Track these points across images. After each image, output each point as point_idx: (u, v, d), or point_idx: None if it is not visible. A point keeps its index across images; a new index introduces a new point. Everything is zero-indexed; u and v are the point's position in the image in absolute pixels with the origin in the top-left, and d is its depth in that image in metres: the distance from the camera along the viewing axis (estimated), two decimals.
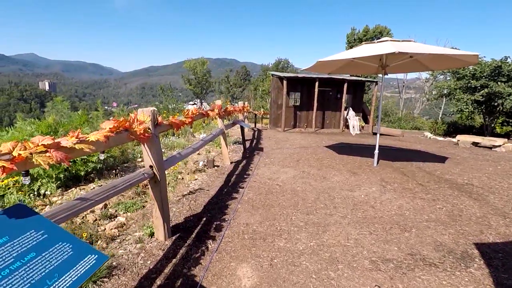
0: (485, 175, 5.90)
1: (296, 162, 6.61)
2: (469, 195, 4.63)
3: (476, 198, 4.52)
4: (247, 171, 5.66)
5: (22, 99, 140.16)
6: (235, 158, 6.87)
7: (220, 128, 5.74)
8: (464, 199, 4.47)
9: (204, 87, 65.15)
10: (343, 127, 14.65)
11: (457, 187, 5.04)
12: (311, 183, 5.05)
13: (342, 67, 7.02)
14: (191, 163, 5.93)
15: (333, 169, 6.05)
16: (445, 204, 4.20)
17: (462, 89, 12.30)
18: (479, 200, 4.42)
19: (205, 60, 64.38)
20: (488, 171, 6.29)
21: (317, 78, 13.45)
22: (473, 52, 4.64)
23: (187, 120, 3.36)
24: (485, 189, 5.00)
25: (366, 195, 4.56)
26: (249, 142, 9.60)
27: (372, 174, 5.72)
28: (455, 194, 4.66)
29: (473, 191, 4.83)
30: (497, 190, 4.93)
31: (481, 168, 6.58)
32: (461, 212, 3.93)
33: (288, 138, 10.74)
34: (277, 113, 14.44)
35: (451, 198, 4.50)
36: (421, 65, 6.55)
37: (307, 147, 8.74)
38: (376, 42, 5.47)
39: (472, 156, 8.42)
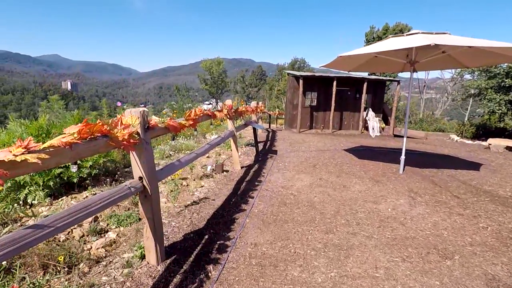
0: None
1: (312, 168, 6.07)
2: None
3: None
4: (259, 177, 5.18)
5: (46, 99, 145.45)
6: (247, 162, 6.41)
7: (230, 130, 5.29)
8: (511, 215, 3.83)
9: (219, 87, 65.24)
10: (362, 129, 13.91)
11: (500, 201, 4.37)
12: (329, 193, 4.52)
13: (364, 64, 6.43)
14: (198, 168, 5.51)
15: (353, 176, 5.48)
16: (490, 223, 3.58)
17: (494, 89, 11.34)
18: None
19: (221, 60, 64.43)
20: None
21: (335, 77, 12.80)
22: None
23: (188, 122, 2.92)
24: None
25: (393, 208, 3.99)
26: (262, 144, 9.12)
27: (398, 183, 5.12)
28: (499, 210, 4.01)
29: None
30: None
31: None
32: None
33: (304, 140, 10.18)
34: (292, 114, 13.89)
35: (495, 214, 3.86)
36: (454, 61, 5.87)
37: (325, 150, 8.17)
38: (405, 35, 4.86)
39: (508, 163, 7.61)
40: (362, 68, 6.73)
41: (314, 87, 13.63)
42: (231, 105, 5.15)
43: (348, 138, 11.84)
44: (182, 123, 2.82)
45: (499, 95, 11.01)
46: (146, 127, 2.22)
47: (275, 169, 5.84)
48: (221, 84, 65.69)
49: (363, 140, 11.19)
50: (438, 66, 6.28)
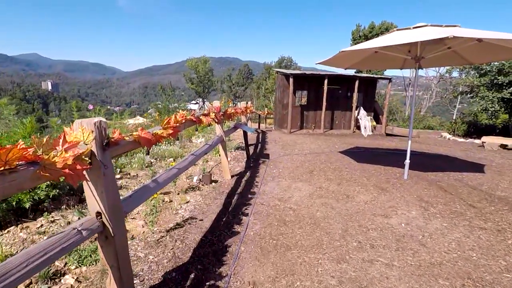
0: None
1: (309, 174, 5.55)
2: None
3: None
4: (252, 188, 4.61)
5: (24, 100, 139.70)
6: (237, 169, 5.83)
7: (218, 135, 4.69)
8: None
9: (206, 86, 64.26)
10: (354, 128, 13.54)
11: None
12: (332, 205, 3.99)
13: (362, 60, 5.95)
14: (183, 178, 4.89)
15: (356, 184, 4.99)
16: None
17: (486, 86, 11.16)
18: None
19: (207, 58, 63.41)
20: None
21: (326, 75, 12.36)
22: None
23: (167, 132, 2.32)
24: None
25: (407, 223, 3.50)
26: (253, 147, 8.56)
27: (406, 191, 4.66)
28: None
29: None
30: None
31: None
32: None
33: (296, 142, 9.67)
34: (282, 113, 13.37)
35: None
36: (459, 58, 5.46)
37: (319, 153, 7.67)
38: (412, 28, 4.39)
39: (509, 163, 7.32)
40: (360, 65, 6.26)
41: (304, 85, 13.16)
42: (219, 106, 4.56)
43: (341, 138, 11.42)
44: (158, 134, 2.22)
45: (491, 93, 10.82)
46: (104, 143, 1.61)
47: (269, 177, 5.28)
48: (208, 83, 64.73)
49: (357, 140, 10.79)
50: (442, 63, 5.88)
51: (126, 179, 4.46)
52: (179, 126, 2.62)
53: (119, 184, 4.16)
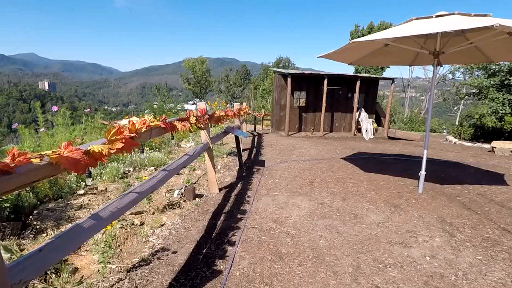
0: None
1: (309, 186, 4.85)
2: None
3: None
4: (242, 205, 3.91)
5: (21, 99, 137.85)
6: (228, 179, 5.12)
7: (204, 142, 3.98)
8: None
9: (203, 86, 63.59)
10: (355, 131, 12.88)
11: None
12: (338, 229, 3.30)
13: (369, 55, 5.27)
14: (162, 192, 4.17)
15: (363, 199, 4.30)
16: None
17: (496, 87, 10.53)
18: None
19: (204, 59, 62.77)
20: None
21: (326, 75, 11.69)
22: None
23: (113, 146, 1.61)
24: None
25: (432, 255, 2.81)
26: (247, 151, 7.85)
27: (423, 209, 3.97)
28: None
29: None
30: None
31: None
32: None
33: (294, 146, 8.98)
34: (279, 115, 12.69)
35: None
36: (479, 55, 4.79)
37: (320, 160, 6.98)
38: (435, 16, 3.71)
39: None
40: (366, 60, 5.59)
41: (303, 86, 12.48)
42: (204, 109, 3.85)
43: (342, 142, 10.74)
44: (96, 152, 1.50)
45: (502, 94, 10.18)
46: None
47: (263, 190, 4.58)
48: (205, 84, 64.08)
49: (358, 144, 10.12)
50: (461, 60, 5.23)
51: (90, 196, 3.73)
52: (138, 136, 1.91)
53: (78, 203, 3.43)
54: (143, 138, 2.07)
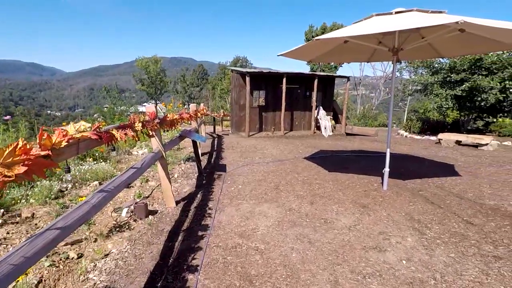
0: None
1: (275, 190, 4.58)
2: None
3: None
4: (204, 219, 3.49)
5: None
6: (186, 189, 4.65)
7: (155, 151, 3.48)
8: None
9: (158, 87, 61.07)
10: (314, 129, 13.01)
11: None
12: (310, 238, 3.05)
13: (329, 52, 5.15)
14: (108, 211, 3.59)
15: (331, 201, 4.13)
16: None
17: (439, 84, 11.28)
18: None
19: (159, 58, 60.25)
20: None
21: (285, 73, 11.61)
22: None
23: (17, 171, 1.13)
24: None
25: (407, 258, 2.68)
26: (207, 156, 7.39)
27: (390, 207, 3.90)
28: None
29: None
30: None
31: (504, 181, 5.15)
32: None
33: (256, 147, 8.70)
34: (239, 115, 12.35)
35: None
36: (432, 51, 4.90)
37: (283, 160, 6.78)
38: (394, 12, 3.63)
39: (472, 160, 7.14)
40: (325, 57, 5.47)
41: (262, 85, 12.27)
42: (153, 112, 3.37)
43: (303, 140, 10.73)
44: None
45: (444, 90, 10.92)
46: None
47: (226, 199, 4.20)
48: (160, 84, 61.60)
49: (319, 142, 10.17)
50: (417, 56, 5.32)
51: (10, 226, 3.03)
52: (55, 154, 1.43)
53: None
54: (66, 155, 1.58)
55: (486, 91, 9.93)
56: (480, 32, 3.76)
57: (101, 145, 2.09)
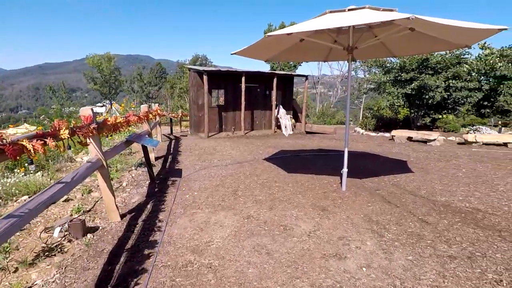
0: (472, 189, 4.64)
1: (233, 196, 4.33)
2: (500, 236, 3.09)
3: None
4: (152, 234, 3.14)
5: None
6: (135, 199, 4.22)
7: (92, 160, 3.04)
8: (501, 246, 2.90)
9: (113, 86, 57.73)
10: (275, 128, 12.98)
11: (469, 220, 3.51)
12: (268, 249, 2.85)
13: (286, 51, 5.02)
14: (37, 232, 3.08)
15: (291, 205, 3.98)
16: (494, 267, 2.50)
17: (391, 83, 11.84)
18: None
19: (112, 55, 56.88)
20: (463, 180, 5.14)
21: (244, 72, 11.39)
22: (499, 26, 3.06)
23: None
24: (502, 217, 3.59)
25: (367, 264, 2.59)
26: (161, 160, 6.92)
27: (350, 209, 3.85)
28: (481, 237, 3.07)
29: (496, 226, 3.33)
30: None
31: (452, 176, 5.44)
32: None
33: (215, 148, 8.38)
34: (198, 115, 11.90)
35: (484, 247, 2.86)
36: (385, 50, 4.98)
37: (243, 162, 6.55)
38: (347, 10, 3.56)
39: (423, 156, 7.53)
40: (282, 56, 5.33)
41: (221, 84, 11.95)
42: (90, 116, 2.94)
43: (263, 140, 10.61)
44: None
45: (396, 89, 11.48)
46: None
47: (179, 208, 3.86)
48: (115, 83, 58.28)
49: (280, 142, 10.12)
50: (371, 55, 5.38)
51: None
52: None
53: None
54: None
55: (433, 89, 10.60)
56: (429, 31, 3.84)
57: (6, 159, 1.67)
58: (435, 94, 10.49)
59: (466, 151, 8.25)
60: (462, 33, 3.54)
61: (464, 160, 6.97)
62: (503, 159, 7.13)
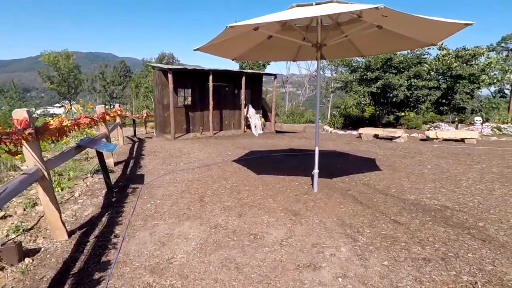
0: (438, 185, 4.73)
1: (200, 203, 4.03)
2: (469, 234, 3.10)
3: (483, 238, 3.00)
4: (105, 253, 2.75)
5: None
6: (88, 212, 3.77)
7: (29, 171, 2.60)
8: (472, 244, 2.88)
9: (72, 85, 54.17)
10: (245, 128, 12.76)
11: (439, 218, 3.51)
12: (238, 263, 2.60)
13: (254, 49, 4.80)
14: None
15: (262, 210, 3.76)
16: (468, 269, 2.45)
17: (357, 82, 12.08)
18: (489, 242, 2.90)
19: (71, 53, 53.36)
20: (429, 177, 5.25)
21: (211, 70, 11.02)
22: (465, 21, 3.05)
23: None
24: (469, 213, 3.64)
25: (343, 274, 2.43)
26: (122, 165, 6.40)
27: (322, 211, 3.71)
28: (452, 236, 3.05)
29: (464, 223, 3.35)
30: (477, 213, 3.61)
31: (418, 173, 5.54)
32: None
33: (181, 151, 7.97)
34: (164, 116, 11.34)
35: (455, 246, 2.84)
36: (353, 49, 4.92)
37: (211, 165, 6.24)
38: (315, 4, 3.39)
39: (390, 153, 7.69)
40: (250, 55, 5.11)
41: (187, 83, 11.49)
42: (25, 119, 2.50)
43: (233, 140, 10.34)
44: None
45: (362, 87, 11.73)
46: None
47: (139, 220, 3.48)
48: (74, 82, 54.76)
49: (249, 142, 9.90)
50: (340, 54, 5.31)
51: None
52: None
53: None
54: None
55: (396, 88, 10.95)
56: (397, 29, 3.80)
57: None
58: (398, 92, 10.85)
59: (429, 147, 8.58)
60: (429, 29, 3.53)
61: (428, 156, 7.19)
62: (462, 154, 7.47)
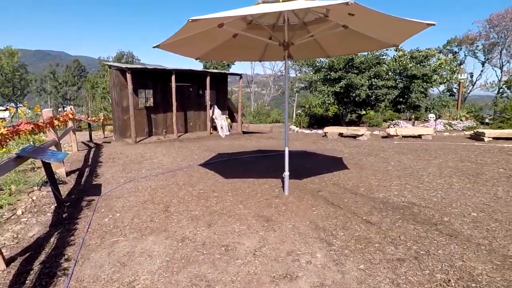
0: (403, 182, 4.86)
1: (164, 214, 3.72)
2: (437, 230, 3.16)
3: (449, 233, 3.07)
4: (53, 281, 2.38)
5: None
6: (34, 232, 3.30)
7: None
8: (441, 240, 2.93)
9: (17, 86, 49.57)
10: (211, 129, 12.43)
11: (408, 216, 3.56)
12: (208, 280, 2.38)
13: (218, 48, 4.57)
14: None
15: (232, 218, 3.56)
16: (439, 266, 2.46)
17: (321, 81, 12.31)
18: (455, 237, 2.98)
19: (15, 50, 48.86)
20: (394, 174, 5.41)
21: (174, 70, 10.56)
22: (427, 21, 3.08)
23: None
24: (434, 209, 3.74)
25: (321, 283, 2.32)
26: (76, 174, 5.82)
27: (294, 215, 3.60)
28: (422, 233, 3.09)
29: (431, 219, 3.42)
30: (442, 208, 3.73)
31: (383, 170, 5.68)
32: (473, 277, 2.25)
33: (143, 156, 7.49)
34: (123, 119, 10.65)
35: (425, 243, 2.87)
36: (319, 49, 4.89)
37: (176, 170, 5.90)
38: (281, 0, 3.26)
39: (355, 151, 7.87)
40: (215, 54, 4.88)
41: (148, 83, 10.89)
42: None
43: (199, 143, 9.99)
44: None
45: (326, 87, 11.97)
46: None
47: (95, 239, 3.11)
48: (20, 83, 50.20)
49: (216, 144, 9.63)
50: (307, 54, 5.26)
51: None
52: None
53: None
54: None
55: (359, 87, 11.32)
56: (362, 29, 3.80)
57: None
58: (361, 92, 11.24)
59: (390, 144, 8.93)
60: (393, 29, 3.57)
61: (390, 153, 7.46)
62: (420, 150, 7.85)
